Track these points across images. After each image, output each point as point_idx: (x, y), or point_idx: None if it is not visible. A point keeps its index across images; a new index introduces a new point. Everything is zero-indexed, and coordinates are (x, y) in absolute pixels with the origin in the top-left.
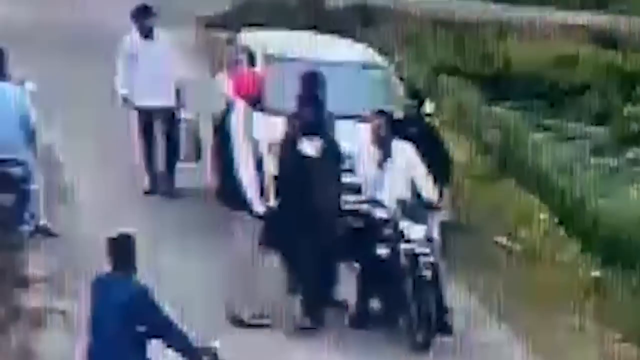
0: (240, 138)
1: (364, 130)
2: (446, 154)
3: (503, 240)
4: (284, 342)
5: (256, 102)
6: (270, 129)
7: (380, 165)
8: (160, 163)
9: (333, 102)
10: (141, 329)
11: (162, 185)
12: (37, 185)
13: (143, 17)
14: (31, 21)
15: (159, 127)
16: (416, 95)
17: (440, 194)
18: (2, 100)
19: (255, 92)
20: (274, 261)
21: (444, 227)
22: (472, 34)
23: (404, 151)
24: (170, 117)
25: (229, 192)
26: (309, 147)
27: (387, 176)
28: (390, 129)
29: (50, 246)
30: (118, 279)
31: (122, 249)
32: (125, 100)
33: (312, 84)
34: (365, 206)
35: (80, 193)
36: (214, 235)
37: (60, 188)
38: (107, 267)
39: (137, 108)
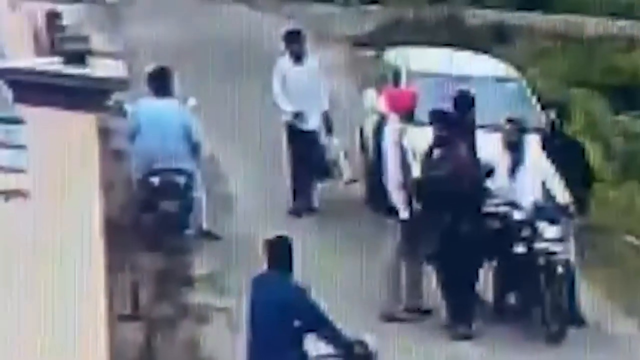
0: (392, 149)
1: (498, 138)
2: (588, 166)
3: (633, 239)
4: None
5: (410, 116)
6: (419, 139)
7: (513, 170)
8: (304, 181)
9: None
10: (298, 323)
11: (303, 202)
12: (200, 193)
13: (294, 41)
14: (186, 40)
15: (303, 148)
16: (557, 111)
17: (583, 202)
18: (167, 115)
19: (410, 107)
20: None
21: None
22: (601, 48)
23: (536, 157)
24: (315, 139)
25: (379, 199)
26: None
27: (520, 180)
28: (521, 136)
29: (213, 248)
30: (275, 278)
31: (278, 250)
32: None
33: (463, 103)
34: (502, 208)
35: (240, 201)
36: (362, 242)
37: (224, 196)
38: (264, 267)
39: (287, 126)
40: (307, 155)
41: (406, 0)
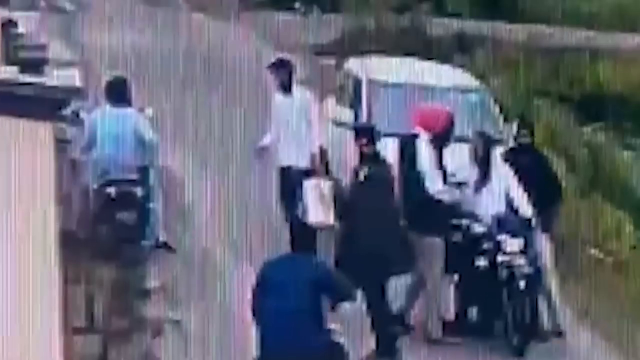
0: (431, 168)
1: (463, 150)
2: (556, 180)
3: (596, 252)
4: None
5: (446, 137)
6: None
7: (478, 183)
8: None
9: None
10: (326, 298)
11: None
12: (156, 204)
13: (281, 71)
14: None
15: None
16: (524, 123)
17: (551, 217)
18: (123, 125)
19: (446, 127)
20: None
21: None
22: (564, 59)
23: (501, 170)
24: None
25: (423, 216)
26: None
27: (485, 193)
28: (487, 149)
29: (168, 260)
30: (301, 259)
31: (304, 233)
32: (261, 151)
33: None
34: (464, 221)
35: (197, 214)
36: None
37: (180, 208)
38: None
39: (279, 167)
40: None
41: (368, 9)
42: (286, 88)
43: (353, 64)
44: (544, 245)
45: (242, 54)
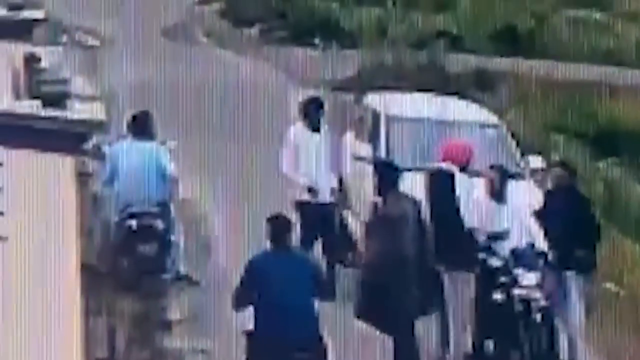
0: (465, 201)
1: (480, 184)
2: (595, 221)
3: (612, 286)
4: None
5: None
6: None
7: (494, 216)
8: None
9: None
10: (313, 294)
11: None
12: (178, 237)
13: (313, 110)
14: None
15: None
16: (566, 167)
17: (592, 260)
18: (145, 158)
19: (468, 159)
20: None
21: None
22: (581, 94)
23: (516, 203)
24: (331, 213)
25: (458, 251)
26: None
27: (501, 227)
28: (504, 182)
29: (191, 292)
30: (284, 254)
31: (281, 229)
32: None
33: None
34: (481, 255)
35: (218, 245)
36: None
37: (200, 240)
38: None
39: (297, 202)
40: (322, 232)
41: (386, 45)
42: (315, 126)
43: (372, 99)
44: (575, 283)
45: (261, 89)
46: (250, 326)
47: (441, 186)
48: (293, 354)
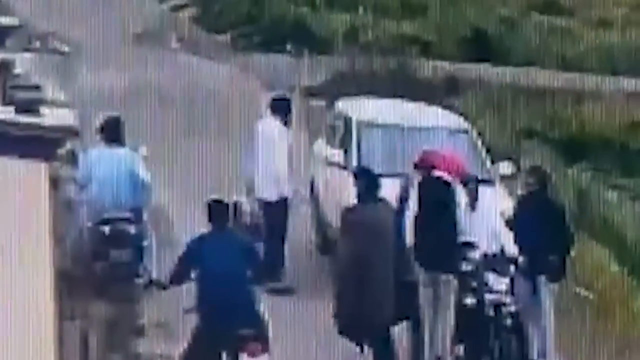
0: (465, 209)
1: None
2: (566, 226)
3: (582, 290)
4: None
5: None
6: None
7: (467, 222)
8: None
9: None
10: (249, 275)
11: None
12: (150, 242)
13: (281, 109)
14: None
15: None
16: (538, 173)
17: (563, 265)
18: (118, 165)
19: (463, 171)
20: None
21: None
22: (550, 101)
23: (489, 211)
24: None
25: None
26: None
27: (473, 233)
28: (476, 190)
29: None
30: (222, 235)
31: (221, 212)
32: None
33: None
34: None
35: None
36: None
37: (172, 245)
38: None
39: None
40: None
41: (357, 51)
42: (283, 121)
43: (343, 106)
44: (546, 289)
45: (234, 95)
46: (192, 304)
47: (438, 195)
48: (235, 330)
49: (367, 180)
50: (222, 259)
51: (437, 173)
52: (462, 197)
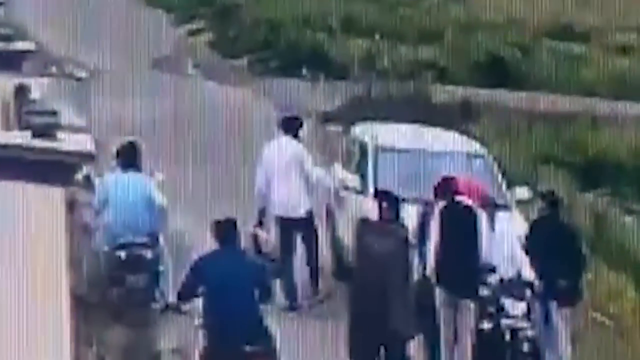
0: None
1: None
2: (581, 251)
3: (597, 315)
4: None
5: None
6: None
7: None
8: (303, 276)
9: None
10: (257, 293)
11: (305, 297)
12: (166, 267)
13: (292, 128)
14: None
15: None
16: (549, 197)
17: (577, 290)
18: (134, 190)
19: (484, 196)
20: None
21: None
22: (565, 126)
23: (505, 235)
24: (310, 226)
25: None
26: None
27: (490, 257)
28: (493, 213)
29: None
30: (230, 253)
31: (229, 230)
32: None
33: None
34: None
35: None
36: None
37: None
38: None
39: (277, 217)
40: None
41: (374, 76)
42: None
43: (360, 130)
44: (558, 314)
45: (250, 120)
46: (200, 321)
47: (461, 220)
48: (242, 347)
49: (387, 201)
50: (229, 275)
51: (459, 198)
52: (484, 221)
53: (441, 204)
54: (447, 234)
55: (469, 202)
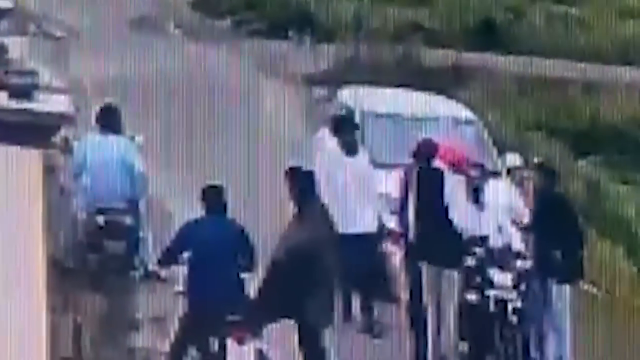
0: (462, 202)
1: (458, 181)
2: (577, 223)
3: (589, 287)
4: None
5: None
6: None
7: (473, 216)
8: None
9: None
10: (240, 262)
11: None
12: (146, 233)
13: (346, 129)
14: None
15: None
16: (545, 170)
17: (576, 264)
18: (113, 153)
19: (461, 163)
20: None
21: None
22: (558, 92)
23: (494, 204)
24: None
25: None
26: None
27: (478, 227)
28: (483, 181)
29: (159, 290)
30: (216, 220)
31: (215, 197)
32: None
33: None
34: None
35: None
36: None
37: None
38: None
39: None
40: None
41: (362, 39)
42: (352, 149)
43: (346, 95)
44: (557, 291)
45: (234, 83)
46: (183, 287)
47: (430, 185)
48: (224, 315)
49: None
50: (213, 243)
51: (435, 163)
52: (458, 189)
53: (416, 168)
54: (420, 200)
55: (441, 166)
